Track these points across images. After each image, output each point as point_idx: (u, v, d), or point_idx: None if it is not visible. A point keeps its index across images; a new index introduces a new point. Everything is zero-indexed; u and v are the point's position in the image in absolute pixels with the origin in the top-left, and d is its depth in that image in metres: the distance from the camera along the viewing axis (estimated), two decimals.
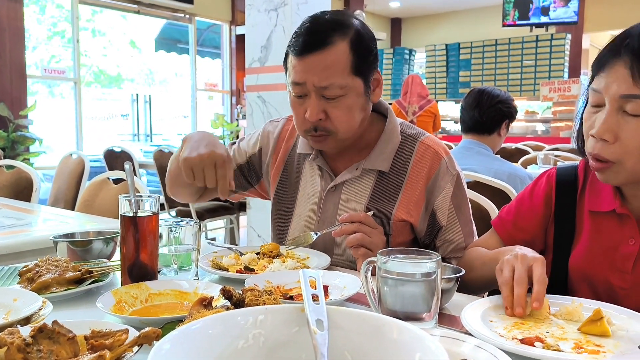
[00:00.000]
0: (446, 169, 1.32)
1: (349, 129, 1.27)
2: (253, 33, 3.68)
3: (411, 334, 0.59)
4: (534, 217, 1.18)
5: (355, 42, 1.23)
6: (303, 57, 1.22)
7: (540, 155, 3.71)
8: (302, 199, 1.41)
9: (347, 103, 1.24)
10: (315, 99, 1.23)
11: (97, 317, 0.91)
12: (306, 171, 1.42)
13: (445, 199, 1.31)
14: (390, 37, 11.49)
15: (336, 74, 1.21)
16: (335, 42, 1.21)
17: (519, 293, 0.92)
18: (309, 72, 1.21)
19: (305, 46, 1.21)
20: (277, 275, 1.12)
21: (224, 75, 8.90)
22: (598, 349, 0.80)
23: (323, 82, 1.21)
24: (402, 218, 1.30)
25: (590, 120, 0.99)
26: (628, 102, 0.92)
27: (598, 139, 0.97)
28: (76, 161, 3.53)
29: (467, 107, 2.42)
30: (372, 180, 1.33)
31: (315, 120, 1.24)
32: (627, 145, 0.94)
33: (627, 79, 0.91)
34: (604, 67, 0.96)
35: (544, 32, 8.24)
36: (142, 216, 1.04)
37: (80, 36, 6.99)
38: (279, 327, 0.63)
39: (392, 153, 1.33)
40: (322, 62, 1.20)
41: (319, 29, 1.22)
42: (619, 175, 0.99)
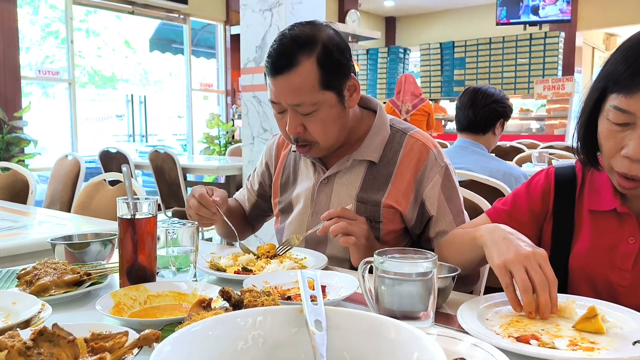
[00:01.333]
0: (434, 160, 1.35)
1: (327, 139, 1.33)
2: (248, 33, 3.68)
3: (409, 334, 0.60)
4: (530, 211, 1.19)
5: (322, 58, 1.25)
6: (274, 78, 1.27)
7: (535, 153, 3.73)
8: (299, 193, 1.47)
9: (320, 117, 1.29)
10: (292, 115, 1.30)
11: (96, 320, 0.92)
12: (302, 168, 1.49)
13: (434, 190, 1.34)
14: (385, 36, 11.50)
15: (304, 92, 1.26)
16: (300, 62, 1.24)
17: (546, 299, 0.89)
18: (280, 92, 1.28)
19: (274, 69, 1.27)
20: (274, 275, 1.13)
21: (219, 75, 8.89)
22: (593, 346, 0.81)
23: (294, 100, 1.27)
24: (390, 204, 1.33)
25: (616, 139, 0.96)
26: None
27: (634, 161, 0.94)
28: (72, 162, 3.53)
29: (462, 106, 2.43)
30: (362, 170, 1.37)
31: (295, 134, 1.31)
32: None
33: None
34: (635, 88, 0.91)
35: (537, 31, 8.27)
36: (140, 218, 1.05)
37: (74, 37, 6.96)
38: (278, 328, 0.64)
39: (382, 144, 1.37)
40: (290, 83, 1.25)
41: (285, 51, 1.26)
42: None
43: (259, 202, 1.64)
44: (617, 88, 0.93)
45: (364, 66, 9.17)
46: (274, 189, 1.55)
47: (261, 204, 1.65)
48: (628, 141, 0.93)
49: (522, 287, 0.91)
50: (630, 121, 0.93)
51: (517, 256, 0.93)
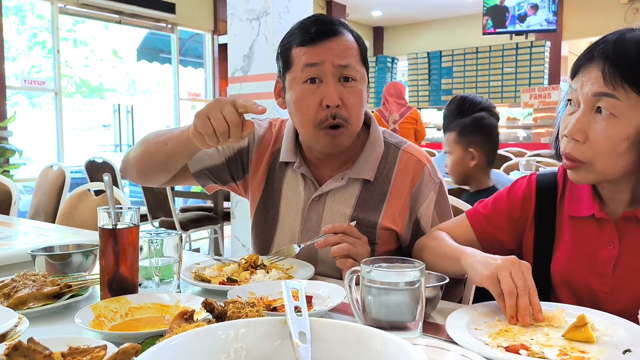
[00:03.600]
0: (429, 176, 1.33)
1: (359, 119, 1.29)
2: (235, 42, 3.67)
3: (395, 345, 0.58)
4: (509, 216, 1.19)
5: (357, 37, 1.30)
6: (318, 42, 1.23)
7: (522, 161, 3.75)
8: (285, 208, 1.39)
9: (359, 89, 1.27)
10: (334, 83, 1.23)
11: (75, 333, 0.89)
12: (288, 180, 1.40)
13: (429, 207, 1.32)
14: (373, 46, 11.56)
15: (352, 56, 1.25)
16: (344, 32, 1.26)
17: (526, 303, 0.92)
18: (327, 53, 1.23)
19: (319, 34, 1.24)
20: (260, 286, 1.11)
21: (207, 85, 8.86)
22: (583, 355, 0.80)
23: (344, 60, 1.23)
24: (387, 227, 1.30)
25: (566, 122, 1.03)
26: (600, 101, 0.97)
27: (570, 139, 1.00)
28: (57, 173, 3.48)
29: (449, 114, 2.43)
30: (357, 189, 1.33)
31: (334, 106, 1.22)
32: (596, 146, 0.98)
33: (599, 79, 0.96)
34: (580, 70, 1.01)
35: (523, 40, 8.36)
36: (121, 228, 1.02)
37: (61, 46, 6.92)
38: (261, 341, 0.62)
39: (377, 162, 1.33)
40: (339, 44, 1.24)
41: (328, 22, 1.27)
42: (589, 175, 1.02)
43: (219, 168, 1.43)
44: (572, 73, 1.04)
45: None
46: (256, 187, 1.43)
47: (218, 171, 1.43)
48: (570, 122, 1.01)
49: (507, 291, 0.93)
50: (575, 101, 1.02)
51: (503, 263, 0.96)
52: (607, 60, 0.96)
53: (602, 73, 0.96)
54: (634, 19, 8.31)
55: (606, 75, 0.95)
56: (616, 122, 0.96)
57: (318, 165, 1.37)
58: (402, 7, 10.13)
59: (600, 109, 0.97)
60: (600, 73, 0.96)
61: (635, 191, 1.04)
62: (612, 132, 0.96)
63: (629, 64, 0.94)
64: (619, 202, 1.06)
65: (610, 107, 0.96)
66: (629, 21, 8.31)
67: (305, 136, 1.31)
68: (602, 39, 1.00)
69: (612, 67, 0.95)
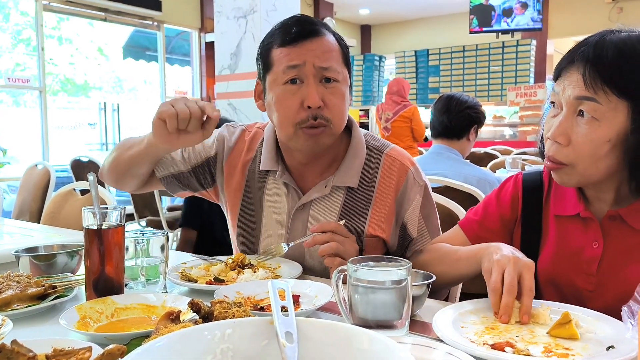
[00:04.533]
0: (413, 180, 1.32)
1: (341, 119, 1.27)
2: (222, 40, 3.66)
3: (382, 344, 0.59)
4: (500, 218, 1.20)
5: (339, 38, 1.29)
6: (299, 43, 1.22)
7: (509, 159, 3.78)
8: (268, 217, 1.36)
9: (341, 90, 1.25)
10: (315, 85, 1.21)
11: (60, 335, 0.88)
12: (270, 189, 1.37)
13: (415, 211, 1.31)
14: (361, 44, 11.57)
15: (334, 58, 1.24)
16: (326, 34, 1.25)
17: (508, 302, 0.92)
18: (308, 54, 1.21)
19: (300, 34, 1.22)
20: (247, 285, 1.11)
21: (194, 83, 8.81)
22: (567, 352, 0.81)
23: (325, 62, 1.22)
24: (374, 234, 1.29)
25: (549, 124, 1.04)
26: (581, 104, 0.98)
27: (553, 142, 1.01)
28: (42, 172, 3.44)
29: (436, 112, 2.45)
30: (341, 197, 1.31)
31: (316, 108, 1.20)
32: (578, 149, 0.99)
33: (580, 82, 0.97)
34: (562, 73, 1.02)
35: (509, 39, 8.42)
36: (106, 228, 1.01)
37: (46, 44, 6.83)
38: (248, 341, 0.62)
39: (360, 167, 1.32)
40: (321, 45, 1.23)
41: (309, 22, 1.26)
42: (572, 177, 1.03)
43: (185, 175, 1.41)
44: (555, 76, 1.05)
45: None
46: (233, 195, 1.40)
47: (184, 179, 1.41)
48: (553, 125, 1.03)
49: (491, 288, 0.95)
50: (557, 104, 1.03)
51: (500, 259, 0.97)
52: (587, 63, 0.97)
53: (583, 77, 0.97)
54: (618, 18, 8.40)
55: (587, 78, 0.96)
56: (598, 125, 0.97)
57: (301, 172, 1.35)
58: (390, 6, 10.15)
59: (582, 112, 0.98)
60: (581, 77, 0.97)
61: (619, 191, 1.05)
62: (594, 135, 0.97)
63: (609, 67, 0.95)
64: (604, 202, 1.07)
65: (592, 111, 0.96)
66: (613, 20, 8.41)
67: (285, 136, 1.27)
68: (583, 42, 1.01)
69: (593, 71, 0.96)
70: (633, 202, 1.04)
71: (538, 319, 0.93)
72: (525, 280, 0.93)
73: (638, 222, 1.03)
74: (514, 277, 0.93)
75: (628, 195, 1.04)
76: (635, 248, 1.03)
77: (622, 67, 0.95)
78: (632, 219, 1.03)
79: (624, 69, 0.95)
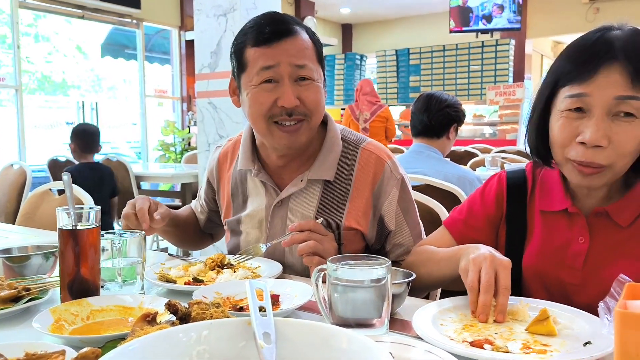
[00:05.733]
0: (390, 173, 1.32)
1: (319, 112, 1.28)
2: (202, 38, 3.62)
3: (360, 344, 0.58)
4: (485, 216, 1.21)
5: (311, 35, 1.29)
6: (273, 43, 1.21)
7: (488, 157, 3.81)
8: (248, 216, 1.39)
9: (317, 86, 1.26)
10: (290, 84, 1.21)
11: (34, 338, 0.85)
12: (250, 187, 1.39)
13: (392, 204, 1.31)
14: (342, 43, 11.58)
15: (308, 56, 1.24)
16: (299, 32, 1.25)
17: (485, 301, 0.92)
18: (282, 54, 1.21)
19: (274, 33, 1.21)
20: (227, 285, 1.09)
21: (174, 81, 8.73)
22: (545, 348, 0.82)
23: (300, 61, 1.22)
24: (351, 227, 1.29)
25: (571, 127, 0.98)
26: (621, 104, 0.94)
27: (590, 146, 0.96)
28: (17, 172, 3.38)
29: (416, 111, 2.46)
30: (318, 190, 1.31)
31: (293, 104, 1.21)
32: (620, 148, 0.96)
33: (623, 82, 0.93)
34: (590, 73, 0.95)
35: (489, 38, 8.51)
36: (82, 229, 0.99)
37: (22, 42, 6.70)
38: (225, 343, 0.61)
39: (336, 161, 1.32)
40: (295, 45, 1.22)
41: (282, 20, 1.25)
42: (605, 177, 1.00)
43: (212, 216, 1.57)
44: (570, 78, 0.98)
45: None
46: (221, 209, 1.49)
47: (214, 218, 1.57)
48: (584, 128, 0.97)
49: (468, 287, 0.95)
50: (585, 107, 0.97)
51: (476, 258, 0.97)
52: (626, 61, 0.93)
53: (626, 76, 0.93)
54: (594, 18, 8.54)
55: (631, 77, 0.92)
56: (638, 121, 0.95)
57: (277, 170, 1.35)
58: (371, 5, 10.18)
59: (621, 113, 0.94)
60: (623, 76, 0.93)
61: (611, 187, 1.06)
62: (637, 132, 0.95)
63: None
64: (593, 198, 1.08)
65: (633, 110, 0.94)
66: (589, 20, 8.54)
67: (260, 132, 1.28)
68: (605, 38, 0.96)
69: (634, 69, 0.93)
70: (619, 199, 1.06)
71: (517, 316, 0.94)
72: (501, 279, 0.93)
73: (623, 219, 1.04)
74: (491, 275, 0.93)
75: (617, 192, 1.06)
76: (620, 244, 1.05)
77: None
78: (617, 216, 1.05)
79: None
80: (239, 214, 1.41)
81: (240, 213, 1.41)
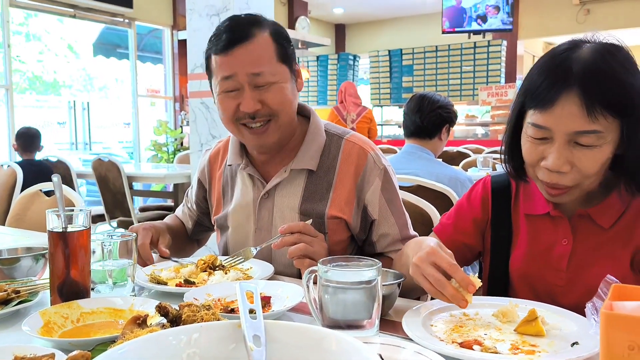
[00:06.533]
0: (373, 163, 1.34)
1: (287, 109, 1.29)
2: (195, 38, 3.61)
3: (349, 345, 0.59)
4: (473, 220, 1.22)
5: (274, 33, 1.29)
6: (229, 51, 1.24)
7: (480, 158, 3.83)
8: (236, 211, 1.41)
9: (280, 88, 1.27)
10: (250, 90, 1.25)
11: (23, 341, 0.86)
12: (239, 183, 1.43)
13: (375, 193, 1.33)
14: (335, 43, 11.58)
15: (265, 61, 1.25)
16: (256, 35, 1.26)
17: (450, 292, 0.90)
18: (238, 63, 1.24)
19: (230, 42, 1.24)
20: (218, 287, 1.10)
21: (167, 81, 8.69)
22: (533, 349, 0.82)
23: (255, 69, 1.24)
24: (335, 215, 1.32)
25: (537, 152, 1.00)
26: (582, 137, 0.94)
27: (554, 172, 0.98)
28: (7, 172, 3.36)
29: (409, 112, 2.47)
30: (302, 180, 1.35)
31: (254, 110, 1.25)
32: (584, 171, 0.97)
33: (580, 115, 0.93)
34: (549, 104, 0.95)
35: (481, 39, 8.54)
36: (72, 231, 0.99)
37: (12, 40, 6.65)
38: (215, 345, 0.61)
39: (319, 151, 1.35)
40: (250, 52, 1.24)
41: (239, 26, 1.26)
42: (573, 195, 1.02)
43: (201, 219, 1.59)
44: (534, 104, 0.98)
45: (314, 73, 9.19)
46: (212, 207, 1.51)
47: (204, 221, 1.59)
48: (547, 154, 0.98)
49: (429, 291, 0.93)
50: (547, 136, 0.98)
51: (412, 268, 0.95)
52: (584, 91, 0.92)
53: (581, 108, 0.92)
54: (585, 20, 8.60)
55: (586, 109, 0.92)
56: (600, 149, 0.95)
57: (264, 163, 1.39)
58: (364, 5, 10.19)
59: (581, 143, 0.95)
60: (579, 108, 0.92)
61: (590, 192, 1.07)
62: (599, 156, 0.96)
63: (605, 93, 0.92)
64: (573, 203, 1.09)
65: (593, 142, 0.94)
66: (580, 21, 8.60)
67: (232, 133, 1.37)
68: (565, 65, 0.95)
69: (590, 102, 0.92)
70: (601, 202, 1.07)
71: (506, 317, 0.94)
72: (442, 263, 0.91)
73: (605, 221, 1.06)
74: (433, 272, 0.91)
75: (597, 195, 1.07)
76: (603, 245, 1.06)
77: (613, 89, 0.93)
78: (600, 218, 1.06)
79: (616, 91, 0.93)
80: (227, 209, 1.44)
81: (227, 207, 1.44)
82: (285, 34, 1.32)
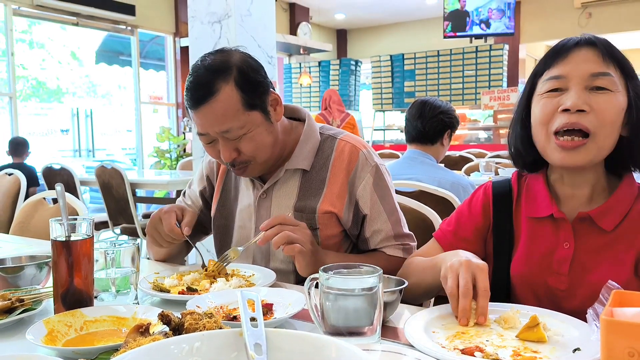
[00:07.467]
0: (365, 160, 1.37)
1: (264, 154, 1.32)
2: (197, 45, 3.63)
3: (350, 353, 0.59)
4: (474, 227, 1.22)
5: (240, 81, 1.26)
6: (197, 110, 1.26)
7: (482, 162, 3.83)
8: (240, 213, 1.46)
9: (252, 137, 1.29)
10: (223, 143, 1.29)
11: (27, 350, 0.86)
12: (242, 185, 1.48)
13: (366, 189, 1.36)
14: (337, 48, 11.62)
15: (230, 118, 1.25)
16: (219, 89, 1.24)
17: (464, 305, 0.94)
18: (206, 123, 1.27)
19: (194, 101, 1.26)
20: (220, 295, 1.10)
21: (169, 88, 8.72)
22: (535, 355, 0.82)
23: (222, 127, 1.26)
24: (326, 210, 1.35)
25: (552, 103, 1.05)
26: (596, 80, 1.02)
27: (573, 111, 1.01)
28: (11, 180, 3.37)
29: (410, 118, 2.47)
30: (297, 180, 1.39)
31: (230, 160, 1.30)
32: (600, 115, 1.01)
33: (594, 59, 1.03)
34: (567, 55, 1.05)
35: (483, 43, 8.56)
36: (75, 240, 1.00)
37: (16, 48, 6.69)
38: (217, 354, 0.62)
39: (313, 152, 1.39)
40: (213, 111, 1.25)
41: (202, 81, 1.26)
42: (589, 153, 1.03)
43: (201, 218, 1.56)
44: (547, 66, 1.08)
45: (316, 78, 9.22)
46: (213, 202, 1.53)
47: (203, 220, 1.56)
48: (565, 100, 1.03)
49: (448, 293, 0.97)
50: (563, 86, 1.04)
51: (452, 265, 0.99)
52: (598, 43, 1.04)
53: (597, 54, 1.03)
54: (587, 23, 8.61)
55: (602, 54, 1.02)
56: (614, 95, 1.02)
57: None
58: (365, 10, 10.22)
59: (597, 88, 1.02)
60: (596, 54, 1.03)
61: (594, 187, 1.08)
62: (615, 103, 1.02)
63: (612, 48, 1.04)
64: (577, 200, 1.10)
65: (609, 84, 1.01)
66: (582, 25, 8.61)
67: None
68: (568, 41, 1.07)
69: (604, 49, 1.03)
70: (603, 204, 1.07)
71: (508, 323, 0.95)
72: (479, 282, 0.95)
73: (607, 224, 1.06)
74: (468, 280, 0.95)
75: (600, 195, 1.08)
76: (604, 249, 1.06)
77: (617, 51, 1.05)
78: (601, 221, 1.06)
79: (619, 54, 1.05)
80: (230, 210, 1.49)
81: (230, 207, 1.49)
82: (251, 74, 1.28)
